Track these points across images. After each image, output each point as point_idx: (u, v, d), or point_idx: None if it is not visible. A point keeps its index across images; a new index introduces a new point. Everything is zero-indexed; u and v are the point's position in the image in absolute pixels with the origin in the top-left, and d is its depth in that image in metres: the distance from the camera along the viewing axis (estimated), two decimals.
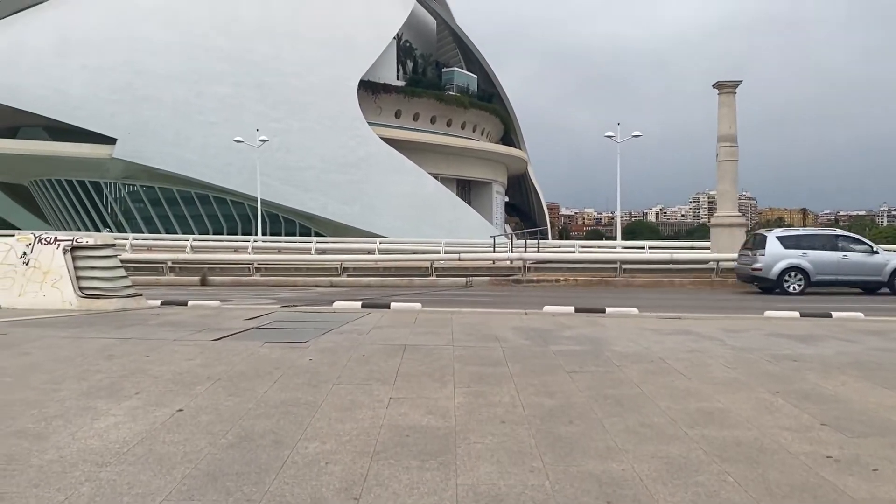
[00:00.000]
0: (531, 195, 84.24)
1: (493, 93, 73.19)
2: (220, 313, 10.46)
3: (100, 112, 47.13)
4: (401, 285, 21.14)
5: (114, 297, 10.64)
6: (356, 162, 54.16)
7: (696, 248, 32.68)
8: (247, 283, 21.89)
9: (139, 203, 53.26)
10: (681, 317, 11.03)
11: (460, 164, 65.44)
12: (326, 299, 15.37)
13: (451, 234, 52.58)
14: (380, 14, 58.90)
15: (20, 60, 46.30)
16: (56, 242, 10.62)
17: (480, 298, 16.62)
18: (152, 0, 50.64)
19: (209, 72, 50.33)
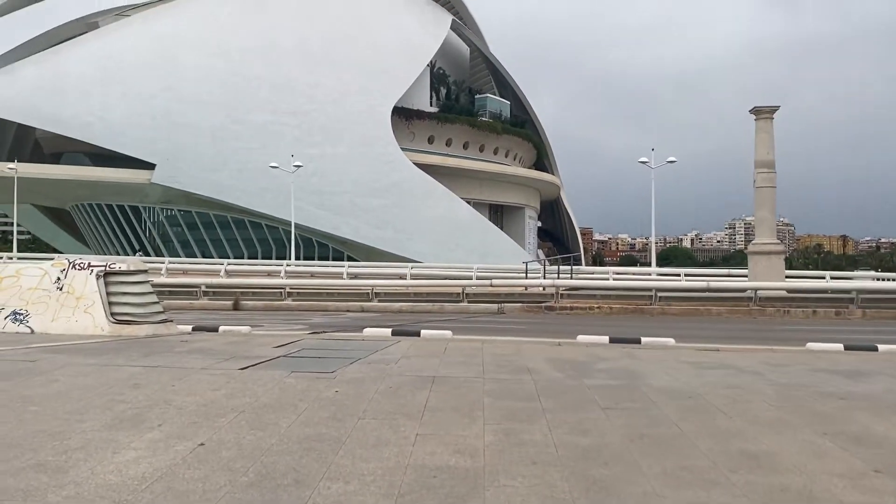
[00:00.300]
0: (564, 220, 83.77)
1: (525, 118, 73.29)
2: (249, 340, 10.41)
3: (140, 138, 48.21)
4: (432, 311, 20.97)
5: (145, 323, 10.67)
6: (389, 187, 54.46)
7: (733, 275, 32.01)
8: (279, 308, 21.93)
9: (177, 227, 54.15)
10: (719, 349, 10.67)
11: (493, 189, 65.42)
12: (357, 325, 15.26)
13: (484, 258, 52.45)
14: (414, 43, 59.59)
15: (65, 89, 47.68)
16: (89, 268, 10.71)
17: (512, 326, 16.36)
18: (194, 29, 51.92)
19: (247, 99, 51.27)
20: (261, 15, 54.36)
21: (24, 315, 10.55)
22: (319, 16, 56.37)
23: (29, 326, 10.51)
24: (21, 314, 10.57)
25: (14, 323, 10.52)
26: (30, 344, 9.13)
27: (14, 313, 10.59)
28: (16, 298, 10.67)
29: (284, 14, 55.08)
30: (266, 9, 54.91)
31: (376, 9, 59.92)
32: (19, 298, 10.67)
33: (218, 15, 53.45)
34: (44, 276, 10.80)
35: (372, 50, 56.65)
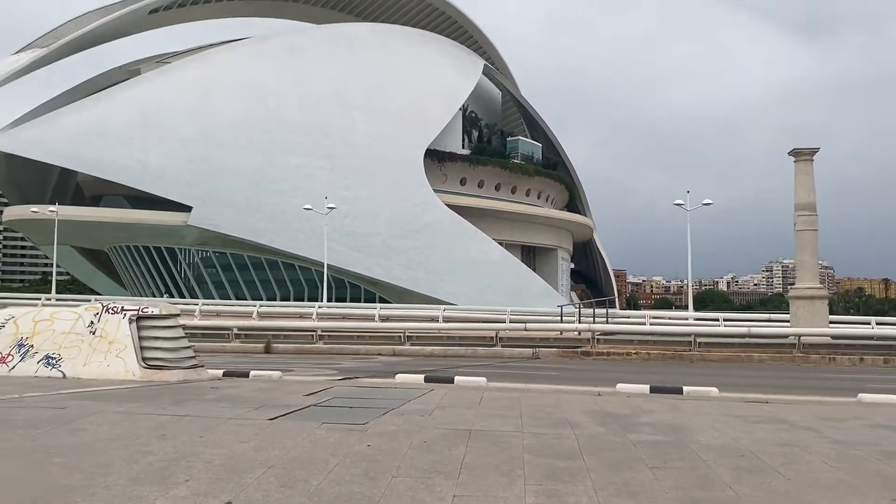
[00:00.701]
0: (597, 262, 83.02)
1: (557, 160, 73.38)
2: (280, 387, 10.20)
3: (177, 181, 49.16)
4: (465, 355, 20.63)
5: (176, 369, 10.55)
6: (421, 228, 54.62)
7: (774, 320, 31.13)
8: (310, 351, 21.77)
9: (211, 268, 54.77)
10: (768, 400, 10.17)
11: (525, 231, 65.24)
12: (388, 370, 15.01)
13: (516, 300, 51.95)
14: (448, 87, 60.37)
15: (106, 134, 48.99)
16: (122, 312, 10.67)
17: (548, 373, 15.94)
18: (231, 76, 53.24)
19: (283, 143, 52.15)
20: (297, 61, 55.60)
21: (57, 359, 10.52)
22: (354, 62, 57.49)
23: (61, 370, 10.46)
24: (54, 358, 10.53)
25: (47, 367, 10.49)
26: (61, 389, 9.04)
27: (47, 357, 10.56)
28: (49, 342, 10.66)
29: (320, 60, 56.29)
30: (302, 55, 56.18)
31: (411, 55, 60.97)
32: (52, 342, 10.65)
33: (255, 62, 54.81)
34: (77, 320, 10.78)
35: (406, 95, 57.46)
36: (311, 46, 57.41)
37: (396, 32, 64.02)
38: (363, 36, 60.64)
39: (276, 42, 57.59)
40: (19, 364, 10.60)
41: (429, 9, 69.38)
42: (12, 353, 10.69)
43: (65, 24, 55.45)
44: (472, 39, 72.46)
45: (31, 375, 10.41)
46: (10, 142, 49.63)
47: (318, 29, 61.24)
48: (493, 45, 74.35)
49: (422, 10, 69.21)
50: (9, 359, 10.67)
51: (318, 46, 57.51)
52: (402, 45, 61.78)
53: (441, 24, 70.50)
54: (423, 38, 65.47)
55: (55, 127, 49.10)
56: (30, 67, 51.44)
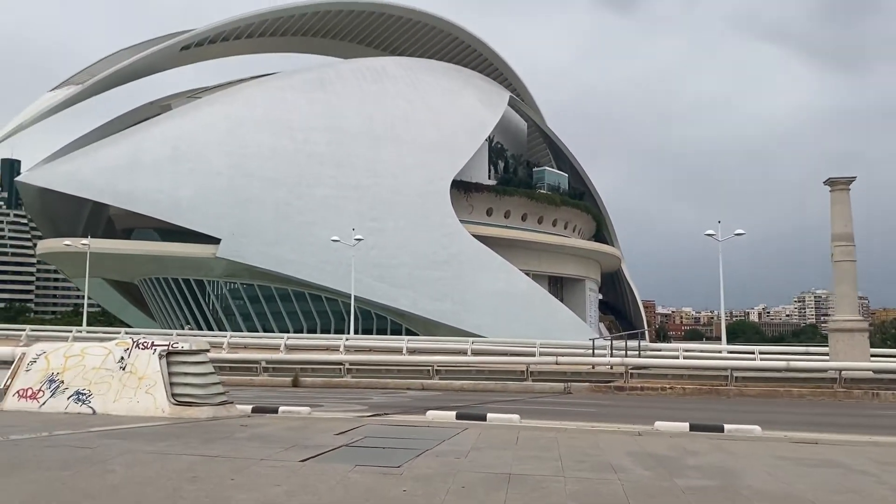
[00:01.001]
0: (626, 293, 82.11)
1: (584, 190, 73.11)
2: (310, 425, 9.96)
3: (207, 214, 49.71)
4: (495, 390, 20.24)
5: (206, 405, 10.38)
6: (448, 259, 54.49)
7: (812, 353, 30.27)
8: (338, 385, 21.55)
9: (239, 300, 55.04)
10: (817, 441, 9.70)
11: (552, 261, 64.80)
12: (419, 406, 14.72)
13: (544, 331, 51.35)
14: (474, 119, 60.72)
15: (138, 167, 49.84)
16: (153, 347, 10.57)
17: (583, 409, 15.51)
18: (260, 109, 54.06)
19: (310, 175, 52.63)
20: (325, 95, 56.34)
21: (87, 395, 10.42)
22: (382, 95, 58.13)
23: (91, 407, 10.36)
24: (84, 394, 10.44)
25: (77, 403, 10.39)
26: (90, 427, 8.91)
27: (77, 393, 10.47)
28: (79, 378, 10.58)
29: (348, 94, 57.00)
30: (330, 89, 56.95)
31: (437, 88, 61.54)
32: (83, 378, 10.57)
33: (283, 96, 55.63)
34: (107, 356, 10.70)
35: (432, 127, 57.85)
36: (339, 80, 58.20)
37: (423, 66, 64.72)
38: (390, 69, 61.36)
39: (304, 76, 58.49)
40: (50, 400, 10.52)
41: (455, 42, 70.15)
42: (43, 389, 10.63)
43: (99, 62, 56.90)
44: (498, 72, 73.02)
45: (62, 412, 10.32)
46: (46, 176, 50.72)
47: (345, 63, 62.15)
48: (518, 77, 74.81)
49: (448, 43, 70.01)
50: (40, 395, 10.60)
51: (346, 80, 58.29)
52: (429, 78, 62.39)
53: (467, 57, 71.20)
54: (450, 70, 66.11)
55: (89, 161, 50.09)
56: (66, 104, 52.71)
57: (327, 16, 63.10)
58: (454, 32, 69.40)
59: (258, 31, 60.22)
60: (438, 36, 69.27)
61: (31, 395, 10.61)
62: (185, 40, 55.88)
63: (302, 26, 63.03)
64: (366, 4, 64.62)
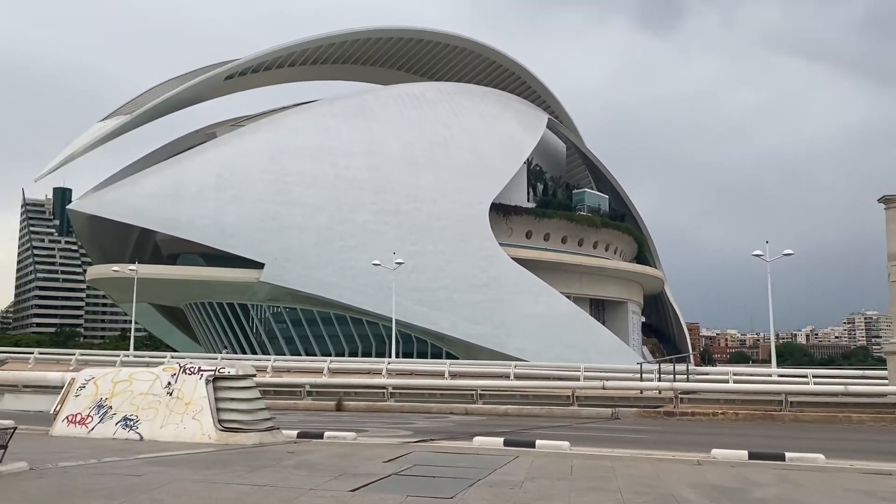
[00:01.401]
0: (669, 315, 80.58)
1: (624, 212, 72.27)
2: (357, 452, 9.78)
3: (250, 239, 50.42)
4: (540, 415, 19.82)
5: (252, 431, 10.30)
6: (487, 282, 54.21)
7: (869, 377, 29.10)
8: (381, 409, 21.37)
9: (282, 323, 55.48)
10: (891, 472, 9.16)
11: (593, 284, 63.99)
12: (464, 431, 14.44)
13: (585, 355, 50.54)
14: (512, 142, 60.70)
15: (183, 194, 50.89)
16: (199, 373, 10.56)
17: (634, 435, 15.04)
18: (302, 137, 54.86)
19: (351, 200, 53.07)
20: (365, 121, 56.95)
21: (135, 421, 10.44)
22: (420, 120, 58.52)
23: (138, 433, 10.36)
24: (131, 420, 10.46)
25: (124, 429, 10.41)
26: (138, 454, 8.87)
27: (125, 419, 10.49)
28: (127, 403, 10.61)
29: (387, 120, 57.54)
30: (369, 115, 57.56)
31: (476, 112, 61.74)
32: (130, 403, 10.60)
33: (324, 122, 56.38)
34: (155, 381, 10.72)
35: (471, 151, 57.97)
36: (379, 106, 58.80)
37: (461, 90, 65.06)
38: (429, 95, 61.80)
39: (344, 103, 59.25)
40: (98, 426, 10.56)
41: (493, 66, 70.43)
42: (91, 415, 10.68)
43: (147, 92, 58.51)
44: (536, 94, 72.99)
45: (110, 437, 10.34)
46: (95, 204, 52.09)
47: (385, 89, 62.81)
48: (556, 99, 74.66)
49: (485, 68, 70.33)
50: (88, 420, 10.66)
51: (386, 106, 58.86)
52: (467, 103, 62.64)
53: (505, 81, 71.37)
54: (488, 94, 66.31)
55: (136, 189, 51.32)
56: (114, 133, 54.23)
57: (367, 43, 63.98)
58: (492, 57, 69.71)
59: (300, 59, 61.32)
60: (476, 60, 69.63)
61: (80, 421, 10.67)
62: (229, 70, 57.15)
63: (343, 54, 64.00)
64: (406, 31, 65.41)
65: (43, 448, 9.06)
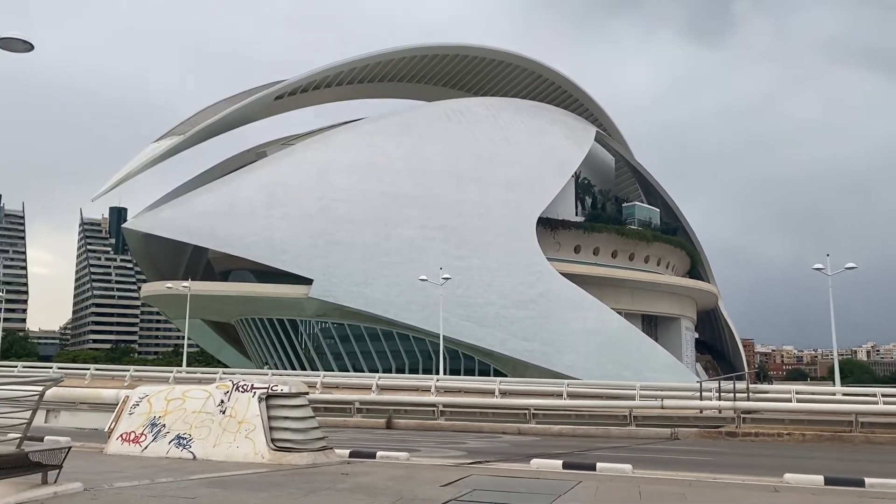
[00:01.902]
0: (723, 331, 78.55)
1: (676, 225, 70.84)
2: (413, 474, 9.45)
3: (299, 255, 50.89)
4: (596, 435, 19.20)
5: (305, 451, 10.06)
6: (535, 297, 53.56)
7: None
8: (431, 427, 21.03)
9: (330, 339, 55.72)
10: None
11: (645, 299, 62.73)
12: (519, 452, 14.00)
13: (638, 373, 49.42)
14: (560, 155, 60.12)
15: (235, 212, 51.70)
16: (252, 390, 10.40)
17: (698, 457, 14.37)
18: (349, 154, 55.30)
19: (397, 216, 53.16)
20: (410, 138, 57.13)
21: (188, 439, 10.32)
22: (466, 135, 58.44)
23: (191, 452, 10.23)
24: (184, 438, 10.34)
25: (177, 448, 10.30)
26: (191, 474, 8.71)
27: (178, 437, 10.38)
28: (180, 422, 10.51)
29: (433, 136, 57.62)
30: (415, 132, 57.74)
31: (522, 126, 61.40)
32: (183, 422, 10.49)
33: (371, 139, 56.78)
34: (208, 399, 10.60)
35: (518, 165, 57.59)
36: (424, 122, 58.98)
37: (507, 105, 64.84)
38: (474, 110, 61.73)
39: (390, 120, 59.58)
40: (151, 444, 10.48)
41: (539, 80, 70.11)
42: (145, 433, 10.61)
43: (199, 113, 59.84)
44: (583, 107, 72.35)
45: (163, 456, 10.24)
46: (149, 222, 53.31)
47: (429, 106, 63.03)
48: (603, 112, 73.86)
49: (531, 82, 70.04)
50: (142, 438, 10.58)
51: (431, 122, 59.00)
52: (514, 117, 62.36)
53: (551, 94, 70.94)
54: (534, 108, 65.95)
55: (189, 207, 52.35)
56: (168, 153, 55.52)
57: (413, 60, 64.37)
58: (539, 71, 69.40)
59: (347, 78, 62.00)
60: (522, 75, 69.42)
61: (134, 439, 10.61)
62: (279, 90, 58.09)
63: (389, 72, 64.50)
64: (452, 48, 65.62)
65: (97, 467, 8.98)
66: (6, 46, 12.11)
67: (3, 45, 12.03)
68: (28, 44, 11.94)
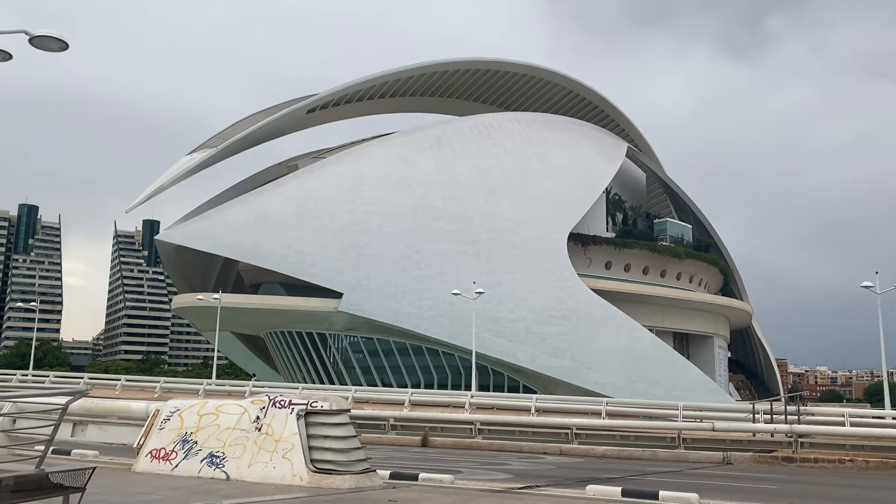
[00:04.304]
0: (757, 350, 76.81)
1: (709, 242, 69.51)
2: (465, 501, 8.67)
3: (329, 269, 50.50)
4: (643, 458, 18.24)
5: (347, 474, 9.33)
6: (566, 313, 52.62)
7: None
8: (469, 446, 20.21)
9: (359, 353, 55.16)
10: None
11: (676, 317, 61.44)
12: (568, 476, 13.15)
13: (670, 391, 48.16)
14: (591, 171, 59.38)
15: (266, 225, 51.53)
16: (290, 406, 9.71)
17: (760, 485, 13.37)
18: (380, 168, 54.99)
19: (428, 230, 52.62)
20: (442, 152, 56.72)
21: (221, 458, 9.65)
22: (497, 150, 57.92)
23: (224, 471, 9.56)
24: (217, 457, 9.67)
25: (210, 467, 9.64)
26: (225, 498, 8.04)
27: (211, 456, 9.72)
28: (213, 439, 9.86)
29: (464, 150, 57.16)
30: (447, 146, 57.31)
31: (553, 141, 60.79)
32: (217, 439, 9.84)
33: (402, 153, 56.42)
34: (243, 415, 9.94)
35: (549, 180, 56.90)
36: (456, 137, 58.52)
37: (538, 120, 64.21)
38: (506, 125, 61.22)
39: (422, 134, 59.23)
40: (182, 462, 9.84)
41: (570, 95, 69.47)
42: (176, 450, 9.97)
43: (231, 126, 60.03)
44: (614, 123, 71.48)
45: (194, 475, 9.60)
46: (180, 234, 53.35)
47: (461, 120, 62.60)
48: (635, 127, 72.92)
49: (563, 97, 69.41)
50: (172, 455, 9.95)
51: (463, 137, 58.55)
52: (545, 132, 61.71)
53: (582, 109, 70.20)
54: (565, 123, 65.26)
55: (220, 220, 52.31)
56: (200, 166, 55.68)
57: (444, 75, 64.12)
58: (570, 86, 68.75)
59: (378, 92, 61.88)
60: (553, 90, 68.80)
61: (164, 457, 9.98)
62: (310, 104, 58.09)
63: (420, 86, 64.29)
64: (482, 63, 65.25)
65: (124, 488, 8.36)
66: (41, 45, 11.75)
67: (37, 43, 11.67)
68: (62, 42, 11.55)
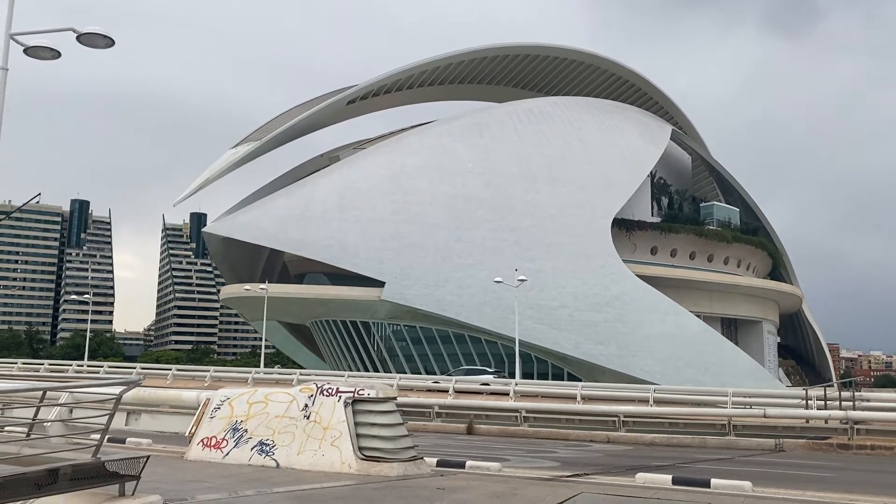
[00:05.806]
0: (807, 335, 75.04)
1: (757, 225, 67.91)
2: (514, 490, 8.61)
3: (372, 258, 50.85)
4: (692, 445, 17.95)
5: (395, 461, 9.38)
6: (610, 300, 52.00)
7: None
8: (514, 434, 20.17)
9: (402, 341, 55.53)
10: None
11: (724, 302, 60.30)
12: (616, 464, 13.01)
13: (718, 378, 47.31)
14: (635, 155, 58.44)
15: (309, 216, 52.11)
16: (338, 394, 9.79)
17: (815, 472, 13.04)
18: (421, 157, 55.03)
19: (469, 218, 52.53)
20: (481, 139, 56.47)
21: (271, 446, 9.79)
22: (538, 136, 57.39)
23: (274, 459, 9.70)
24: (267, 445, 9.82)
25: (260, 455, 9.79)
26: (276, 486, 8.14)
27: (261, 444, 9.87)
28: (263, 427, 10.00)
29: (504, 137, 56.80)
30: (486, 133, 57.01)
31: (595, 125, 60.00)
32: (266, 427, 9.98)
33: (442, 142, 56.34)
34: (291, 403, 10.05)
35: (591, 165, 56.19)
36: (495, 124, 58.18)
37: (579, 104, 63.42)
38: (546, 110, 60.57)
39: (461, 122, 59.03)
40: (233, 450, 10.00)
41: (612, 78, 68.41)
42: (227, 438, 10.15)
43: (274, 119, 60.74)
44: (658, 105, 70.19)
45: (245, 463, 9.75)
46: (227, 227, 54.30)
47: (500, 107, 62.17)
48: (680, 110, 71.50)
49: (605, 80, 68.40)
50: (223, 444, 10.13)
51: (502, 123, 58.17)
52: (586, 116, 60.92)
53: (626, 93, 69.10)
54: (607, 107, 64.31)
55: (265, 211, 53.07)
56: (245, 159, 56.51)
57: (483, 62, 63.73)
58: (612, 69, 67.69)
59: (417, 81, 61.85)
60: (595, 73, 67.84)
61: (215, 445, 10.17)
62: (350, 95, 58.38)
63: (459, 74, 64.03)
64: (523, 48, 64.65)
65: (178, 475, 8.53)
66: (88, 42, 11.98)
67: (85, 40, 11.89)
68: (108, 38, 11.75)
